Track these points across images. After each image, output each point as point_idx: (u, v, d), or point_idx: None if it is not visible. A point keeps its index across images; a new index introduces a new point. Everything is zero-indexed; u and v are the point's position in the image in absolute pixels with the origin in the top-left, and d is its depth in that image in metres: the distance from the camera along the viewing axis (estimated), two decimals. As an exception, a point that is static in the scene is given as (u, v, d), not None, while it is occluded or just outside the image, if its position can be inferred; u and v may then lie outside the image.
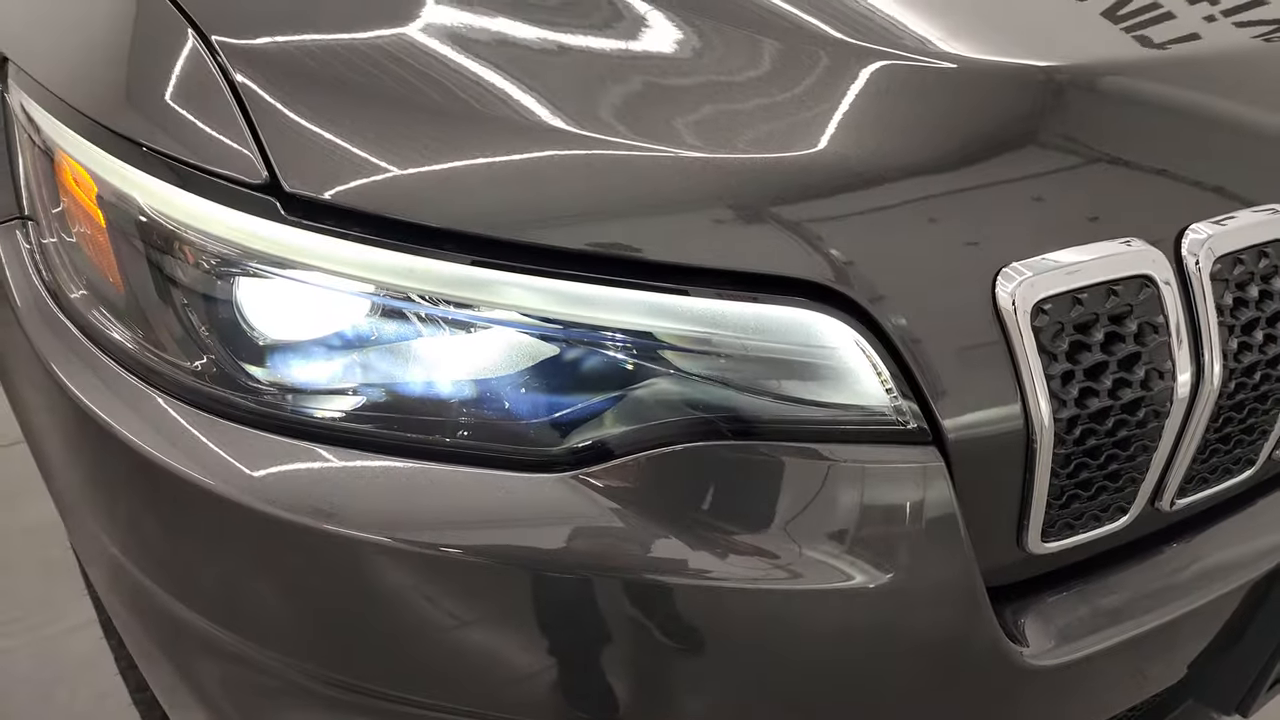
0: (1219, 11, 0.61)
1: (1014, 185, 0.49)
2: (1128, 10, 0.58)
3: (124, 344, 0.52)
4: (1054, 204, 0.50)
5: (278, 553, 0.49)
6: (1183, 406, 0.52)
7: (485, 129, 0.47)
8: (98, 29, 0.56)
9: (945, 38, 0.52)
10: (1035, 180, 0.50)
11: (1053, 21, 0.55)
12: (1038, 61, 0.50)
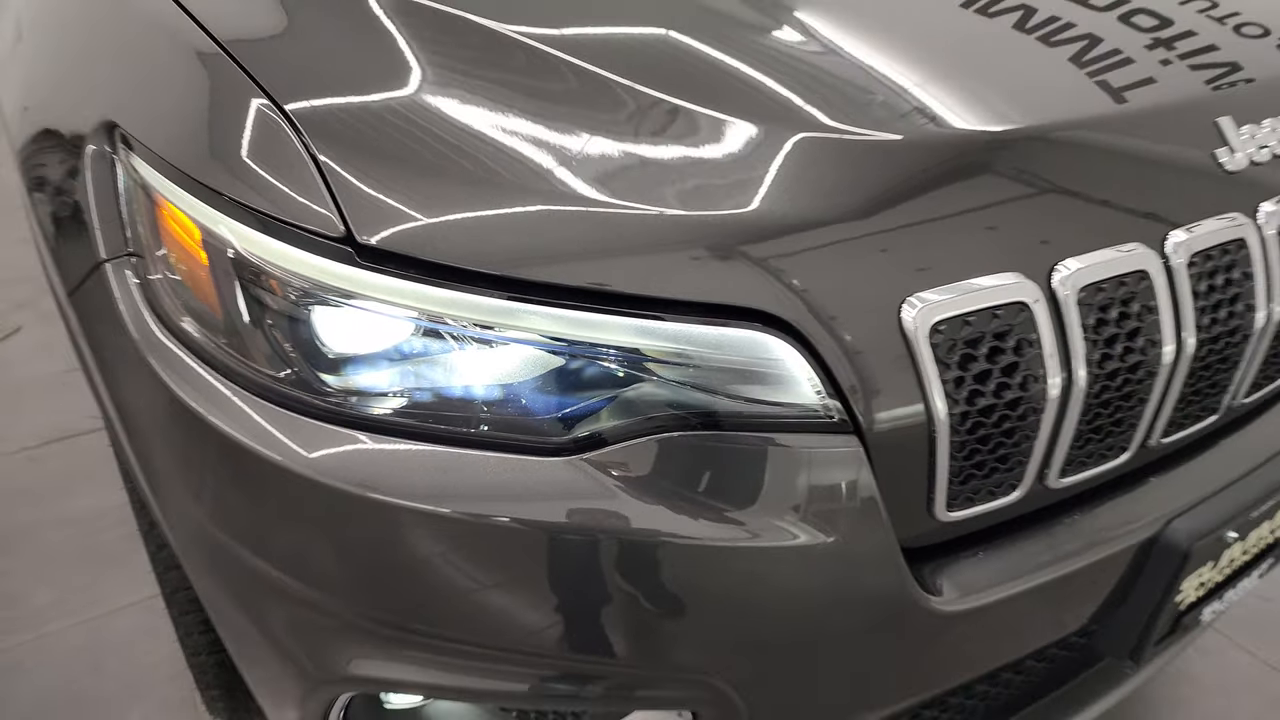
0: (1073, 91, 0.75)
1: (916, 230, 0.63)
2: (1004, 89, 0.72)
3: (221, 357, 0.65)
4: (949, 246, 0.64)
5: (336, 517, 0.63)
6: (1055, 404, 0.66)
7: (506, 193, 0.61)
8: (190, 96, 0.69)
9: (850, 116, 0.66)
10: (933, 225, 0.64)
11: (947, 98, 0.69)
12: (935, 132, 0.65)
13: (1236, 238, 0.73)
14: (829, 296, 0.61)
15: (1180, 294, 0.70)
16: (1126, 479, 0.82)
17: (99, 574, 1.66)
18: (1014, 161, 0.67)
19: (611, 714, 0.74)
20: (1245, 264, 0.74)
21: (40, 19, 1.00)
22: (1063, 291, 0.65)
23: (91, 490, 1.85)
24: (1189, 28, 0.87)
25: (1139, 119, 0.74)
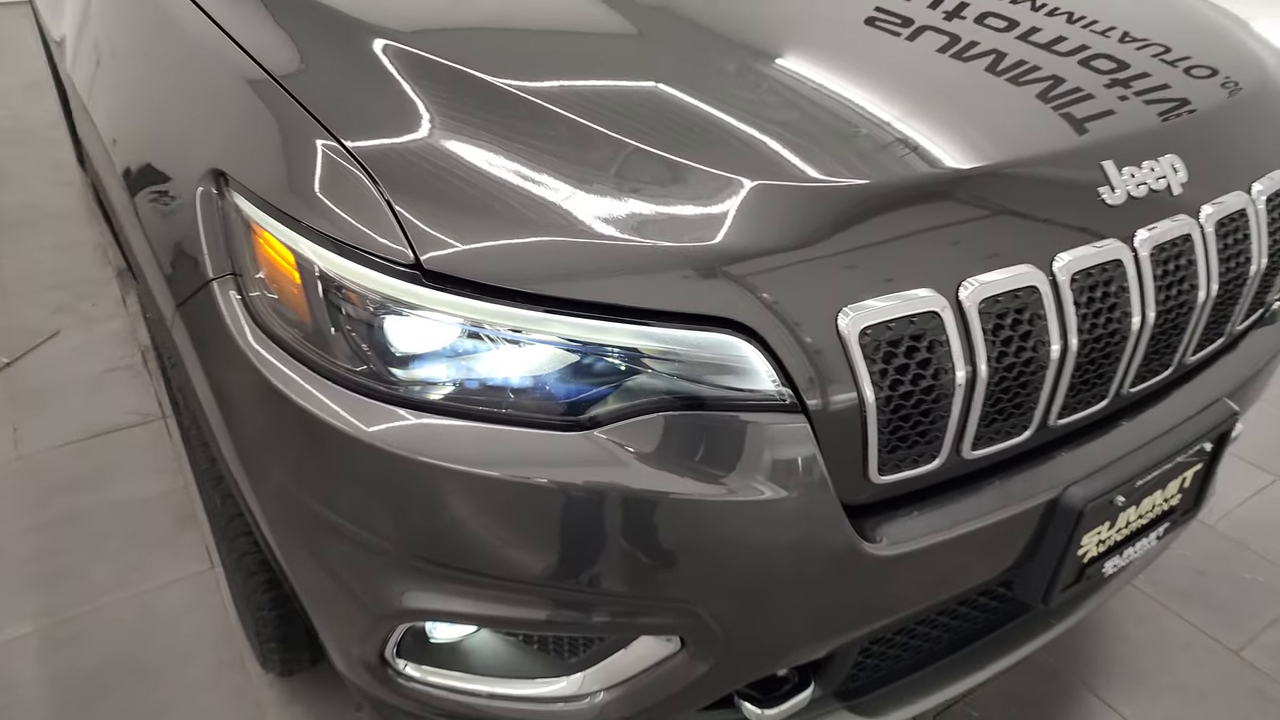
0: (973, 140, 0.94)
1: (849, 255, 0.81)
2: (913, 140, 0.91)
3: (308, 355, 0.84)
4: (876, 267, 0.82)
5: (396, 476, 0.81)
6: (962, 392, 0.85)
7: (532, 228, 0.79)
8: (280, 145, 0.87)
9: (801, 167, 0.85)
10: (864, 251, 0.82)
11: (869, 148, 0.88)
12: (861, 180, 0.83)
13: (1114, 259, 0.92)
14: (782, 307, 0.79)
15: (1065, 304, 0.89)
16: (1036, 452, 1.00)
17: (148, 553, 1.83)
18: (934, 198, 0.86)
19: (617, 640, 0.93)
20: (1121, 280, 0.93)
21: (123, 51, 1.17)
22: (967, 303, 0.84)
23: (136, 479, 2.03)
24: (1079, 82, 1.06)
25: (1039, 163, 0.93)
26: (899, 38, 1.12)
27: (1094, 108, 1.01)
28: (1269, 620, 1.74)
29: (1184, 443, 1.05)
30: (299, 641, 1.31)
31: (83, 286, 2.84)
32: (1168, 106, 1.05)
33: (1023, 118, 0.97)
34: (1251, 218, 1.05)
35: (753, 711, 1.01)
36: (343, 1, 1.03)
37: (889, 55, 1.08)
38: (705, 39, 1.07)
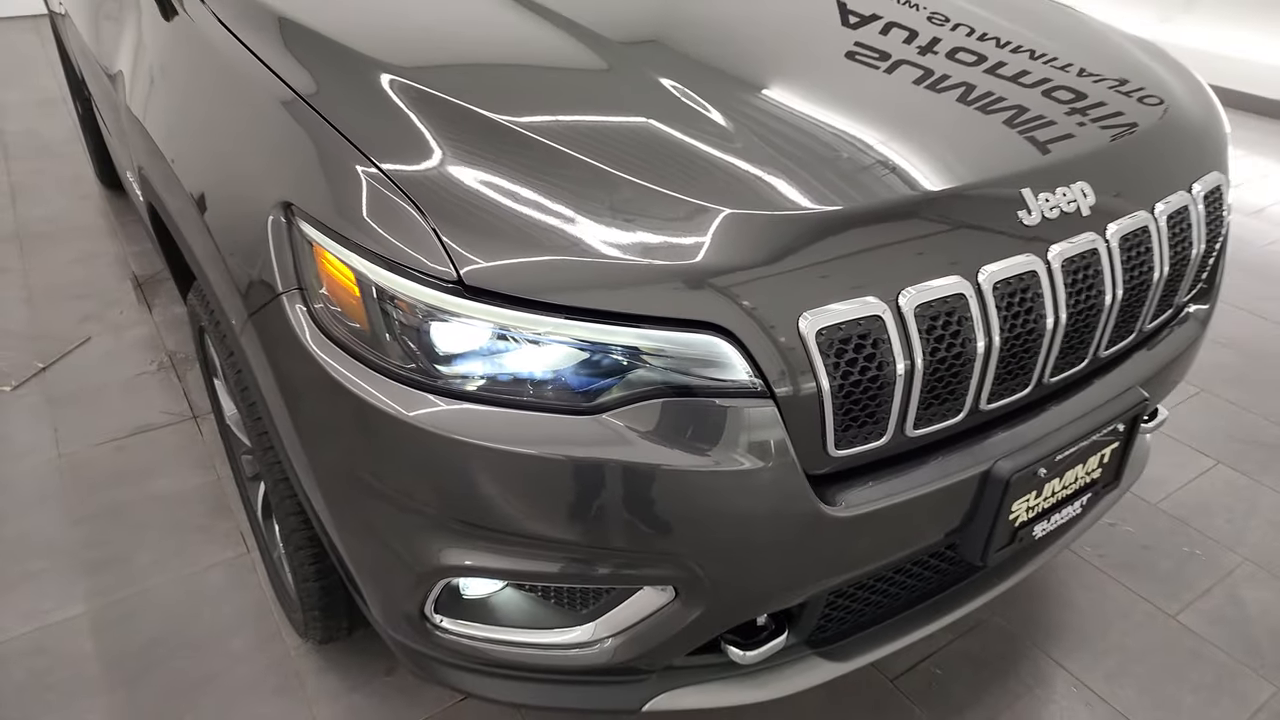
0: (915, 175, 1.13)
1: (807, 270, 1.00)
2: (867, 169, 1.10)
3: (365, 354, 1.02)
4: (830, 279, 1.00)
5: (437, 452, 0.99)
6: (902, 381, 1.03)
7: (550, 250, 0.97)
8: (341, 181, 1.05)
9: (764, 199, 1.03)
10: (819, 266, 1.01)
11: (823, 180, 1.07)
12: (816, 209, 1.02)
13: (1030, 270, 1.11)
14: (753, 313, 0.98)
15: (989, 308, 1.08)
16: (971, 431, 1.19)
17: (187, 540, 2.01)
18: (877, 222, 1.05)
19: (621, 592, 1.11)
20: (1037, 287, 1.12)
21: (196, 94, 1.35)
22: (905, 307, 1.02)
23: (172, 474, 2.20)
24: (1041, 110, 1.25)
25: (967, 190, 1.12)
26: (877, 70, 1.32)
27: (1012, 146, 1.20)
28: (1204, 590, 1.93)
29: (1099, 424, 1.24)
30: (339, 611, 1.48)
31: (108, 295, 3.01)
32: (1077, 145, 1.24)
33: (952, 151, 1.16)
34: (1153, 234, 1.24)
35: (736, 653, 1.19)
36: (388, 58, 1.21)
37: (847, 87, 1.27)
38: (692, 76, 1.26)
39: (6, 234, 3.42)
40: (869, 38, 1.48)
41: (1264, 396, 2.61)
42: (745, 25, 1.50)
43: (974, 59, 1.45)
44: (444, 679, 1.23)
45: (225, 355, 1.35)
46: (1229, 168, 1.48)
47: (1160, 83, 1.52)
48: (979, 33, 1.57)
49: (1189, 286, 1.41)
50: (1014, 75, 1.41)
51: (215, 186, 1.19)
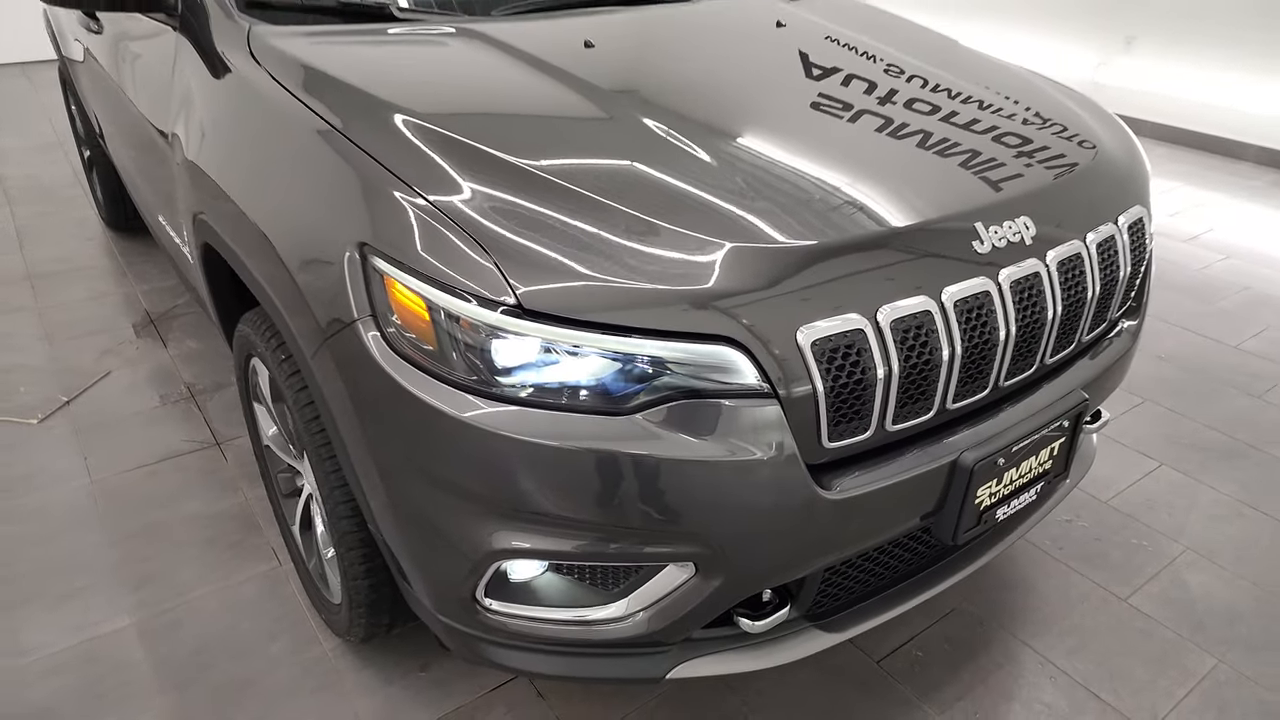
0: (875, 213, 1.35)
1: (804, 291, 1.21)
2: (840, 207, 1.32)
3: (433, 368, 1.20)
4: (822, 299, 1.22)
5: (494, 448, 1.17)
6: (882, 384, 1.24)
7: (589, 277, 1.17)
8: (412, 223, 1.25)
9: (768, 230, 1.25)
10: (813, 289, 1.22)
11: (812, 215, 1.29)
12: (806, 242, 1.24)
13: (984, 290, 1.33)
14: (759, 327, 1.18)
15: (951, 322, 1.29)
16: (941, 427, 1.40)
17: (222, 556, 2.15)
18: (858, 251, 1.26)
19: (649, 570, 1.29)
20: (990, 305, 1.34)
21: (246, 135, 1.54)
22: (883, 323, 1.24)
23: (202, 496, 2.35)
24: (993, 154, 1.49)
25: (931, 225, 1.34)
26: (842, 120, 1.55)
27: (968, 185, 1.43)
28: (1151, 576, 2.16)
29: (1048, 420, 1.46)
30: (383, 607, 1.64)
31: (122, 332, 3.15)
32: (1024, 184, 1.48)
33: (916, 191, 1.39)
34: (1086, 259, 1.48)
35: (746, 624, 1.38)
36: (436, 118, 1.42)
37: (830, 135, 1.50)
38: (687, 126, 1.47)
39: (18, 275, 3.55)
40: (832, 89, 1.72)
41: (1201, 405, 2.88)
42: (725, 82, 1.74)
43: (929, 108, 1.69)
44: (490, 656, 1.40)
45: (286, 376, 1.53)
46: (1150, 202, 1.73)
47: (1091, 129, 1.77)
48: (932, 84, 1.81)
49: (1120, 304, 1.65)
50: (966, 123, 1.65)
51: (292, 229, 1.38)
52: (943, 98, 1.75)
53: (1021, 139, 1.62)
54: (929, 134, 1.57)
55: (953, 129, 1.61)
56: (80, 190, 4.44)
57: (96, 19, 2.50)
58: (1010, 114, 1.72)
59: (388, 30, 1.82)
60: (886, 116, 1.63)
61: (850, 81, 1.78)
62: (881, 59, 1.93)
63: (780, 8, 2.27)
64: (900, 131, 1.57)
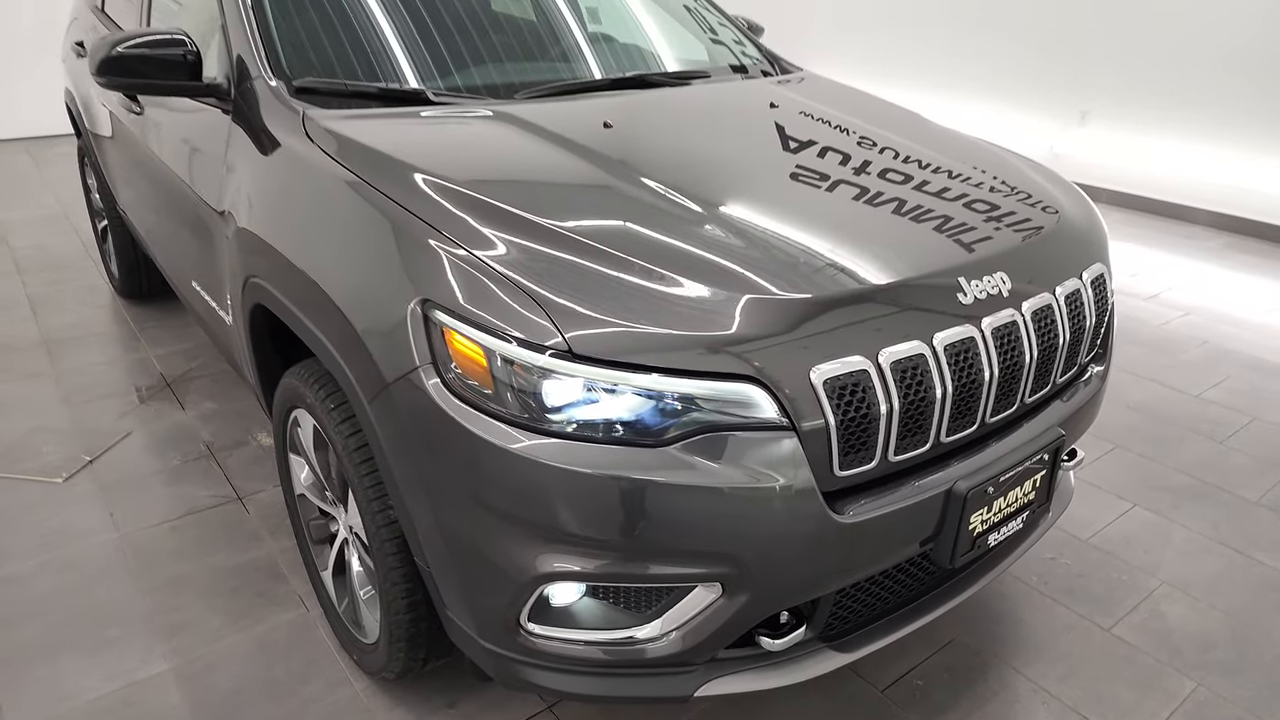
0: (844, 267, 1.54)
1: (816, 336, 1.38)
2: (832, 264, 1.50)
3: (489, 408, 1.35)
4: (830, 343, 1.39)
5: (544, 478, 1.31)
6: (884, 419, 1.41)
7: (625, 325, 1.33)
8: (467, 278, 1.41)
9: (781, 284, 1.43)
10: (824, 335, 1.39)
11: (814, 271, 1.47)
12: (812, 295, 1.41)
13: (969, 336, 1.51)
14: (779, 368, 1.35)
15: (942, 365, 1.47)
16: (937, 459, 1.56)
17: (251, 603, 2.24)
18: (860, 302, 1.44)
19: (679, 591, 1.42)
20: (975, 349, 1.51)
21: (305, 206, 1.71)
22: (884, 364, 1.41)
23: (227, 548, 2.44)
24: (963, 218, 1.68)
25: (922, 280, 1.53)
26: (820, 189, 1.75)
27: (947, 246, 1.63)
28: (1131, 607, 2.30)
29: (1030, 454, 1.62)
30: (421, 641, 1.74)
31: (139, 395, 3.26)
32: (999, 242, 1.68)
33: (910, 252, 1.58)
34: (1055, 309, 1.67)
35: (767, 642, 1.51)
36: (477, 186, 1.60)
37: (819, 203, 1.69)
38: (704, 198, 1.66)
39: (34, 341, 3.65)
40: (830, 165, 1.93)
41: (1169, 450, 3.07)
42: (731, 157, 1.94)
43: (914, 180, 1.90)
44: (530, 679, 1.51)
45: (337, 422, 1.66)
46: (1109, 260, 1.94)
47: (1053, 196, 1.99)
48: (903, 155, 2.03)
49: (1088, 350, 1.84)
50: (938, 191, 1.85)
51: (355, 287, 1.53)
52: (914, 167, 1.96)
53: (991, 205, 1.83)
54: (909, 202, 1.78)
55: (927, 196, 1.82)
56: (89, 260, 4.57)
57: (138, 101, 2.68)
58: (979, 183, 1.94)
59: (420, 113, 2.02)
60: (896, 191, 1.83)
61: (847, 160, 1.99)
62: (854, 131, 2.15)
63: (773, 90, 2.51)
64: (878, 199, 1.78)
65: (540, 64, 2.43)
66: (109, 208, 3.71)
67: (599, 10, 2.83)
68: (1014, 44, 6.68)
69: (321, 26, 2.19)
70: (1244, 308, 4.40)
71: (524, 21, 2.55)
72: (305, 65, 2.07)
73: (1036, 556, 2.48)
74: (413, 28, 2.23)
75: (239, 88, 2.05)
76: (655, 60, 2.69)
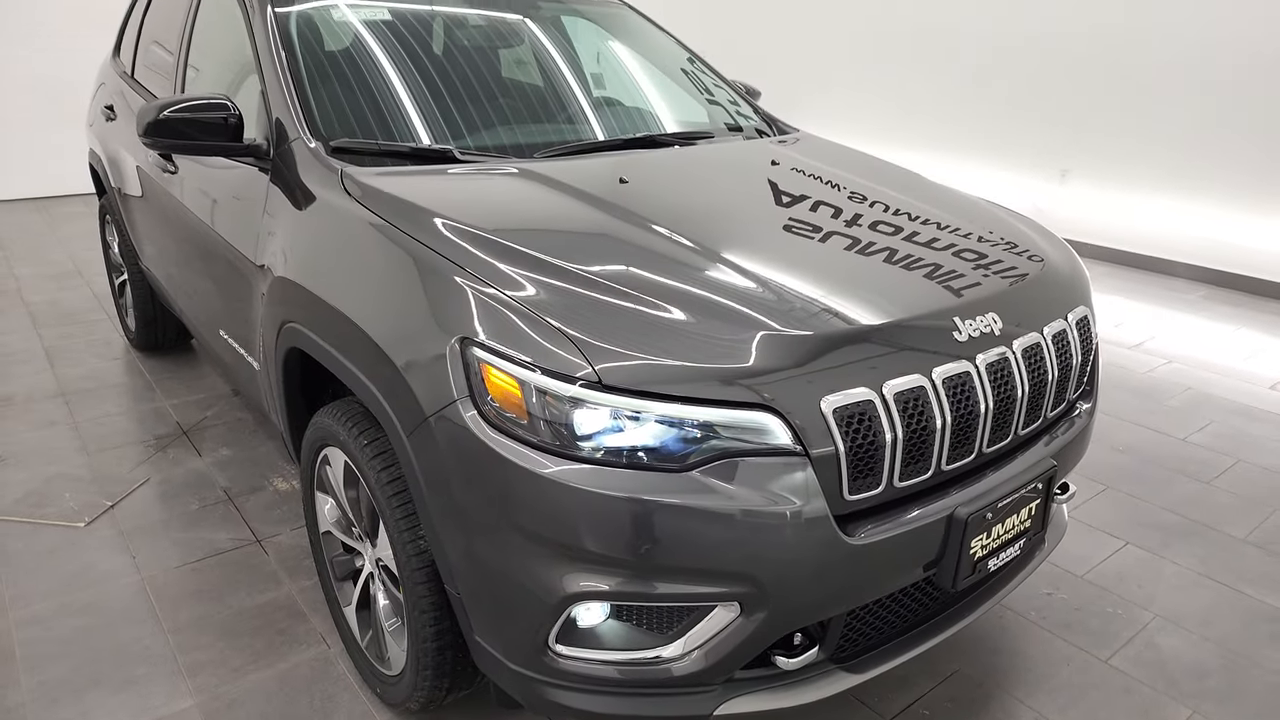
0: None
1: (826, 370, 1.50)
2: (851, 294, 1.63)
3: (524, 436, 1.46)
4: (838, 376, 1.50)
5: (574, 501, 1.41)
6: (889, 446, 1.52)
7: (648, 358, 1.45)
8: (504, 319, 1.53)
9: (789, 323, 1.55)
10: (834, 370, 1.51)
11: (821, 311, 1.59)
12: (824, 332, 1.54)
13: (965, 371, 1.63)
14: (792, 398, 1.46)
15: (941, 397, 1.58)
16: (939, 486, 1.66)
17: (273, 641, 2.29)
18: (865, 340, 1.56)
19: (700, 612, 1.51)
20: (971, 383, 1.63)
21: (347, 256, 1.84)
22: (888, 395, 1.52)
23: (247, 589, 2.50)
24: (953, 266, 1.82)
25: (920, 319, 1.65)
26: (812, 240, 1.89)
27: (942, 288, 1.76)
28: (1127, 640, 2.38)
29: (1025, 482, 1.73)
30: (446, 670, 1.81)
31: (155, 443, 3.34)
32: (987, 287, 1.82)
33: (907, 293, 1.71)
34: (1044, 347, 1.79)
35: (783, 661, 1.59)
36: (505, 234, 1.73)
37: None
38: (718, 246, 1.80)
39: (51, 392, 3.74)
40: (808, 214, 2.07)
41: (1157, 491, 3.17)
42: (740, 208, 2.09)
43: (910, 231, 2.04)
44: (557, 699, 1.58)
45: (371, 456, 1.76)
46: (1092, 304, 2.07)
47: (1038, 244, 2.14)
48: (894, 208, 2.18)
49: (1075, 387, 1.96)
50: (929, 241, 2.00)
51: (395, 328, 1.65)
52: (908, 220, 2.11)
53: (979, 254, 1.97)
54: (903, 250, 1.92)
55: (929, 249, 1.96)
56: (103, 314, 4.68)
57: (173, 161, 2.83)
58: (971, 233, 2.08)
59: (447, 170, 2.16)
60: (890, 240, 1.98)
61: (839, 213, 2.13)
62: (845, 186, 2.31)
63: (773, 149, 2.68)
64: (873, 248, 1.92)
65: (556, 125, 2.60)
66: (130, 263, 3.83)
67: (608, 76, 3.01)
68: (998, 108, 6.99)
69: (352, 92, 2.35)
70: (1224, 355, 4.56)
71: (540, 87, 2.72)
72: (339, 127, 2.22)
73: (1034, 592, 2.56)
74: (442, 91, 2.40)
75: (278, 148, 2.20)
76: (662, 122, 2.86)
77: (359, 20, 2.62)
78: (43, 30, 7.02)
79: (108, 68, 4.06)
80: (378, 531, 1.90)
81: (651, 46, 3.20)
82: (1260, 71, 5.45)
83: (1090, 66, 6.30)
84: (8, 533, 2.73)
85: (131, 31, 3.85)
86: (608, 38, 3.15)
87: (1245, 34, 5.48)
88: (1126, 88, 6.13)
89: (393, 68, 2.47)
